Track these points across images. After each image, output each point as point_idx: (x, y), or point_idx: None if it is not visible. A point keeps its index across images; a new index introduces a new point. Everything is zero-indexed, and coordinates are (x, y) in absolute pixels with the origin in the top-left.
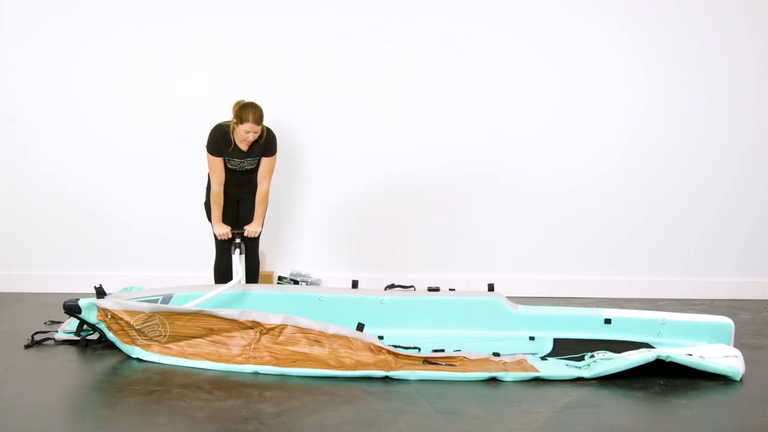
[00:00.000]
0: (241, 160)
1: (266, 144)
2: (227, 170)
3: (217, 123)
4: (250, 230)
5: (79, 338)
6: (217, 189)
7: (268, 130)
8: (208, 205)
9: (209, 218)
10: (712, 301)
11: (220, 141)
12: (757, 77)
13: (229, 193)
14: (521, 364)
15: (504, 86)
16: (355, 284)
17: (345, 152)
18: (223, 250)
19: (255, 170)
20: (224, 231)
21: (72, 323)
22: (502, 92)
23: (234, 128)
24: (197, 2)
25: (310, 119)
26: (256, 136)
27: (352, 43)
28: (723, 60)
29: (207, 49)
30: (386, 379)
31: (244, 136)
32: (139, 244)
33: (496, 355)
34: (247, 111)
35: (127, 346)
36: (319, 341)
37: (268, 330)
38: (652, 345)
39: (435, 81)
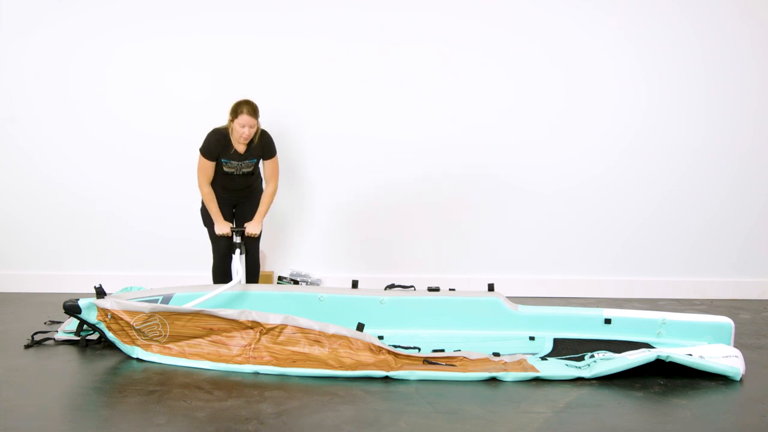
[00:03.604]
0: (239, 162)
1: (264, 146)
2: (224, 174)
3: (215, 127)
4: (249, 230)
5: (79, 338)
6: (207, 188)
7: (264, 131)
8: (204, 211)
9: (205, 224)
10: (712, 301)
11: (215, 144)
12: (757, 77)
13: (226, 198)
14: (521, 364)
15: (504, 87)
16: (355, 284)
17: (345, 153)
18: (221, 255)
19: (252, 174)
20: (225, 230)
21: (72, 323)
22: (502, 93)
23: (231, 127)
24: (198, 3)
25: (310, 120)
26: (252, 130)
27: (351, 45)
28: (723, 60)
29: (207, 50)
30: (386, 379)
31: (241, 131)
32: (139, 244)
33: (496, 355)
34: (241, 105)
35: (127, 346)
36: (319, 341)
37: (268, 330)
38: (652, 345)
39: (434, 82)
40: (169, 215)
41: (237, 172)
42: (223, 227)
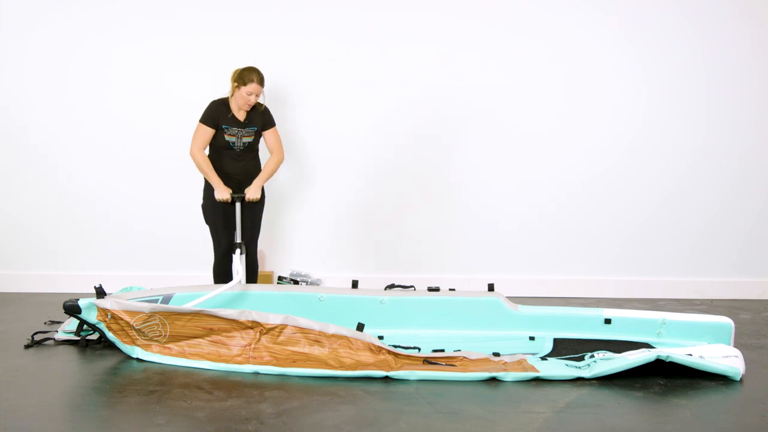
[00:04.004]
0: (239, 129)
1: (264, 113)
2: (226, 148)
3: (213, 99)
4: (249, 195)
5: (79, 338)
6: (201, 155)
7: (263, 104)
8: (206, 207)
9: (207, 221)
10: (712, 301)
11: (216, 111)
12: (757, 77)
13: (229, 188)
14: (521, 364)
15: (503, 86)
16: (355, 284)
17: (345, 153)
18: (222, 253)
19: (252, 149)
20: (225, 196)
21: (72, 323)
22: (502, 92)
23: (233, 94)
24: (198, 3)
25: (310, 121)
26: (257, 99)
27: (351, 45)
28: (723, 60)
29: (207, 50)
30: (386, 379)
31: (246, 98)
32: (139, 244)
33: (496, 355)
34: (251, 72)
35: (127, 346)
36: (319, 341)
37: (268, 330)
38: (652, 345)
39: (434, 82)
40: (169, 215)
41: (238, 143)
42: (223, 192)
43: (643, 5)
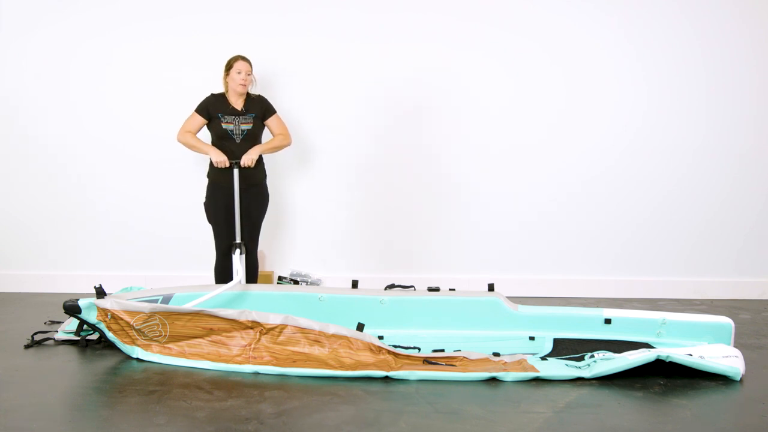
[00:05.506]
0: (236, 117)
1: (260, 100)
2: (225, 138)
3: None
4: (244, 159)
5: (79, 338)
6: (186, 135)
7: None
8: (208, 205)
9: (209, 219)
10: (712, 301)
11: (211, 102)
12: (757, 77)
13: (227, 187)
14: (521, 364)
15: (504, 87)
16: (355, 284)
17: (345, 153)
18: (223, 252)
19: (253, 138)
20: (223, 158)
21: (72, 323)
22: (502, 93)
23: (227, 85)
24: (198, 3)
25: (310, 121)
26: (249, 78)
27: (351, 45)
28: (723, 60)
29: (207, 50)
30: (386, 379)
31: (237, 78)
32: (139, 244)
33: (496, 355)
34: (234, 57)
35: (127, 346)
36: (319, 341)
37: (268, 330)
38: (652, 345)
39: (434, 82)
40: (169, 215)
41: (236, 130)
42: (220, 154)
43: (643, 5)
